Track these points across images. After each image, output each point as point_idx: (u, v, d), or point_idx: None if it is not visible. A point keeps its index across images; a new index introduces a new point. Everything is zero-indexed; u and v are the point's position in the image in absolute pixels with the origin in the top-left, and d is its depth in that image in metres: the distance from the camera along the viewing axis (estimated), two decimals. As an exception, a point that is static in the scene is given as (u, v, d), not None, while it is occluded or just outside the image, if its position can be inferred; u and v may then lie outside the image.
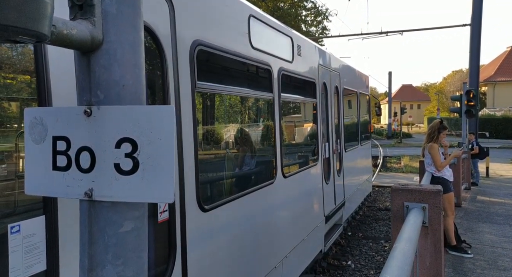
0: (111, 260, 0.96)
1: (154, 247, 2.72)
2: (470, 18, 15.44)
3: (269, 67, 4.50)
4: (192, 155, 3.01)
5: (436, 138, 6.04)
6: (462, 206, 9.49)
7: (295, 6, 27.55)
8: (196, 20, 3.18)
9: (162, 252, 2.76)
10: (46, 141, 1.01)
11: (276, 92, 4.65)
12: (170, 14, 2.85)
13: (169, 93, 2.79)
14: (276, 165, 4.60)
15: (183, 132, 2.91)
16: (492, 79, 47.92)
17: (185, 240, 2.87)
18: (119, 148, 0.94)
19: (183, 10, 2.99)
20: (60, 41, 0.85)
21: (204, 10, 3.32)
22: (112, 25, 0.96)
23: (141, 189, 0.94)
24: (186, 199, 2.89)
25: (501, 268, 5.56)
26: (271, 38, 4.68)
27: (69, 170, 0.99)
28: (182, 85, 2.93)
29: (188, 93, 2.98)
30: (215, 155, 4.06)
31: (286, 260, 4.72)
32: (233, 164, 4.32)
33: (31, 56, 2.00)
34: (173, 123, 0.93)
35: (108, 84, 0.96)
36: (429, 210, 3.16)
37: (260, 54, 4.27)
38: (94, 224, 0.97)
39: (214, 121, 4.17)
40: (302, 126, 6.22)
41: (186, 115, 2.96)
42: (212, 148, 3.96)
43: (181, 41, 2.96)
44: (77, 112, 0.97)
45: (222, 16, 3.62)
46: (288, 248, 4.84)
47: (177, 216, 2.76)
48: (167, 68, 2.77)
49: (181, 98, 2.91)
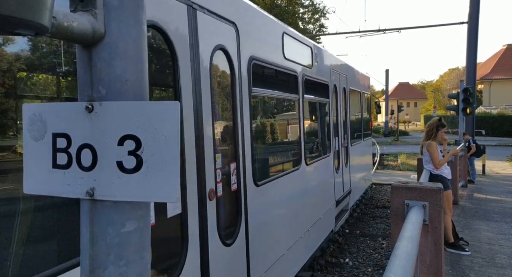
0: (114, 261, 0.93)
1: (228, 210, 3.63)
2: (467, 16, 15.45)
3: (296, 73, 5.44)
4: (249, 144, 3.95)
5: (435, 136, 6.04)
6: (459, 203, 9.52)
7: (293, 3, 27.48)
8: (251, 40, 4.11)
9: (234, 215, 3.70)
10: (46, 138, 0.97)
11: (300, 94, 5.60)
12: (236, 37, 3.78)
13: (236, 95, 3.73)
14: (301, 154, 5.57)
15: (244, 126, 3.85)
16: (488, 77, 48.06)
17: (246, 206, 3.83)
18: (122, 146, 0.91)
19: (243, 33, 3.91)
20: (61, 34, 0.81)
21: (256, 32, 4.29)
22: (114, 17, 0.92)
23: (145, 187, 0.91)
24: (246, 177, 3.86)
25: (498, 265, 5.58)
26: (297, 49, 5.62)
27: (69, 168, 0.95)
28: (244, 90, 3.88)
29: (247, 96, 3.95)
30: (263, 145, 5.06)
31: (308, 233, 5.76)
32: (274, 152, 5.34)
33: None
34: (177, 120, 0.90)
35: (110, 79, 0.92)
36: (430, 208, 3.14)
37: (290, 63, 5.23)
38: (95, 224, 0.94)
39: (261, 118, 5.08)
40: (317, 122, 7.18)
41: (245, 113, 3.89)
42: (260, 139, 4.94)
43: (243, 57, 3.90)
44: (78, 108, 0.94)
45: (266, 35, 4.60)
46: (309, 223, 5.88)
47: (241, 188, 3.76)
48: (235, 78, 3.73)
49: (243, 100, 3.86)
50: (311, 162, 5.95)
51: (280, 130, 5.63)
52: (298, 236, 5.33)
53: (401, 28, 20.61)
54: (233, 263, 3.60)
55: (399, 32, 20.80)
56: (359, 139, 10.34)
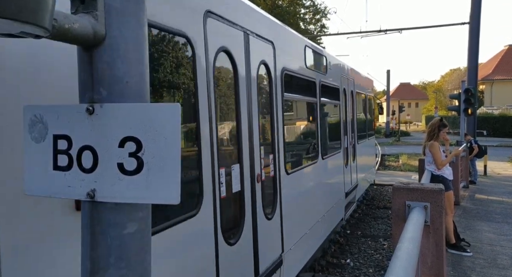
0: (114, 263, 0.93)
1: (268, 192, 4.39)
2: (469, 16, 15.43)
3: (314, 80, 6.40)
4: (282, 140, 4.78)
5: (437, 136, 6.02)
6: (460, 204, 9.49)
7: (294, 4, 27.47)
8: (283, 55, 4.94)
9: (272, 196, 4.51)
10: (47, 140, 0.97)
11: (318, 97, 6.56)
12: (273, 53, 4.63)
13: (273, 100, 4.59)
14: (318, 150, 6.47)
15: (279, 124, 4.70)
16: (490, 77, 47.96)
17: (281, 189, 4.66)
18: (123, 148, 0.91)
19: (278, 49, 4.74)
20: (62, 36, 0.82)
21: (286, 47, 5.15)
22: (115, 19, 0.92)
23: (146, 189, 0.91)
24: (280, 167, 4.68)
25: (500, 266, 5.56)
26: (315, 58, 6.56)
27: (70, 170, 0.95)
28: (278, 96, 4.75)
29: (280, 100, 4.80)
30: (291, 141, 5.70)
31: (323, 219, 6.57)
32: (298, 147, 6.06)
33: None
34: (178, 121, 0.90)
35: (111, 80, 0.92)
36: (431, 209, 3.13)
37: (310, 72, 6.17)
38: (96, 225, 0.94)
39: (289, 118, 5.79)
40: (330, 122, 7.92)
41: (279, 114, 4.77)
42: (289, 136, 5.55)
43: (278, 70, 4.74)
44: (79, 110, 0.94)
45: (293, 49, 5.50)
46: (325, 209, 6.73)
47: (277, 175, 4.61)
48: (272, 86, 4.58)
49: (278, 103, 4.70)
50: (325, 157, 6.86)
51: (302, 129, 6.40)
52: (316, 220, 6.21)
53: (402, 29, 20.57)
54: (272, 235, 4.43)
55: (400, 33, 20.76)
56: (364, 138, 11.17)
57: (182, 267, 2.83)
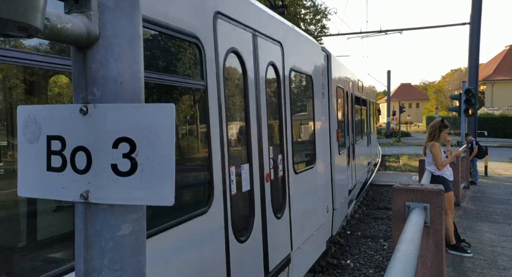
0: (108, 265, 0.92)
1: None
2: (470, 16, 15.41)
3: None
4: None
5: (438, 137, 6.00)
6: (461, 205, 9.47)
7: (294, 4, 27.46)
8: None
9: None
10: (40, 141, 0.96)
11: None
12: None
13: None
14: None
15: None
16: (490, 78, 47.92)
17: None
18: (117, 148, 0.90)
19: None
20: (54, 36, 0.81)
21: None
22: (109, 19, 0.91)
23: (140, 191, 0.90)
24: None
25: (501, 267, 5.54)
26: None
27: (64, 171, 0.94)
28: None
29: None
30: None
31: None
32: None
33: None
34: (173, 122, 0.89)
35: (105, 81, 0.91)
36: (431, 210, 3.12)
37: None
38: (90, 227, 0.93)
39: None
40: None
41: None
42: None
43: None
44: (73, 111, 0.93)
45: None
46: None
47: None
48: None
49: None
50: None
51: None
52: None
53: (403, 29, 20.56)
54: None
55: (401, 33, 20.75)
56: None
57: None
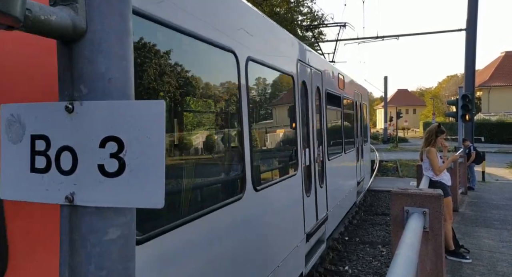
0: (94, 272, 0.87)
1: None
2: (466, 23, 15.51)
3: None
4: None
5: (434, 142, 5.98)
6: (459, 210, 9.43)
7: (291, 11, 27.58)
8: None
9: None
10: (24, 141, 0.92)
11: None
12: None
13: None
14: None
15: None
16: (487, 84, 48.17)
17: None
18: (104, 148, 0.85)
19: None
20: (37, 28, 0.76)
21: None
22: (97, 13, 0.87)
23: (128, 192, 0.85)
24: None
25: (500, 274, 5.49)
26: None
27: (48, 172, 0.89)
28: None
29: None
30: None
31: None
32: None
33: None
34: (163, 120, 0.84)
35: (92, 77, 0.87)
36: (430, 215, 3.08)
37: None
38: (75, 231, 0.88)
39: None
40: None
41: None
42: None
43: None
44: (58, 109, 0.88)
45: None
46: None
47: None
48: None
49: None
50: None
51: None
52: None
53: (400, 35, 20.70)
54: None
55: (398, 39, 20.88)
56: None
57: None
